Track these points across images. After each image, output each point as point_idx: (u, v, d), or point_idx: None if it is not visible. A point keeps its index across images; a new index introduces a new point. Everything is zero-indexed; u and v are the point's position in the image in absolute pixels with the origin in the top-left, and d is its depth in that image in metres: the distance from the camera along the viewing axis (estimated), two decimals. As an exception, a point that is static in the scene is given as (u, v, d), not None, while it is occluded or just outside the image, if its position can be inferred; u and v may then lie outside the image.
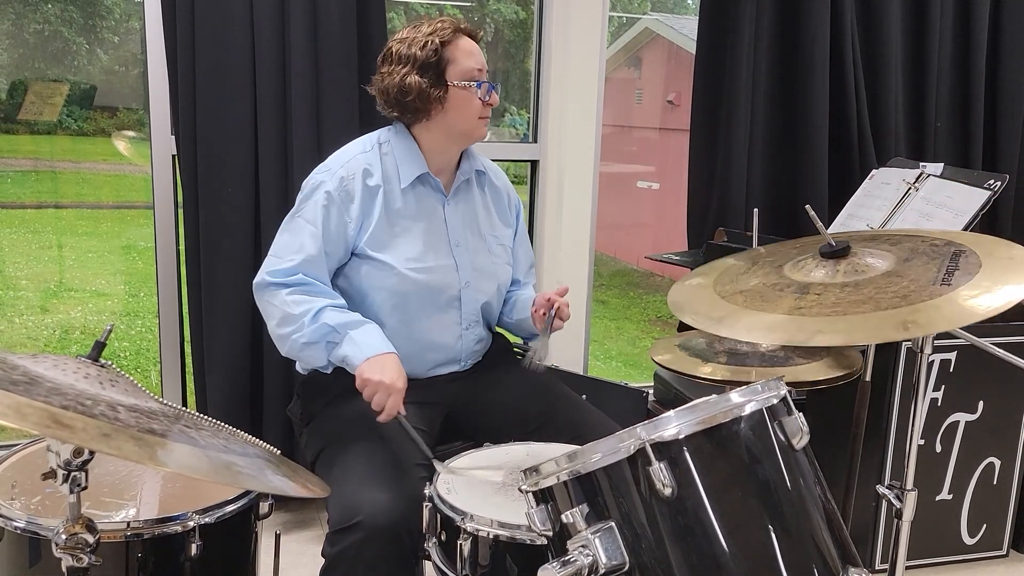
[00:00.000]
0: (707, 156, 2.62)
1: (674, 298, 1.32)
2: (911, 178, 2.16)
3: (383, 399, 1.40)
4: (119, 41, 4.92)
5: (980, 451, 2.20)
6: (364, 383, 1.41)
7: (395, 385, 1.41)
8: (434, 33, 1.53)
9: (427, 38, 1.52)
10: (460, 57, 1.54)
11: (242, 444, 1.01)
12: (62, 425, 0.78)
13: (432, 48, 1.52)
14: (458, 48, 1.54)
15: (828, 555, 1.01)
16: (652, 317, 6.21)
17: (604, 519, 0.98)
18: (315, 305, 1.48)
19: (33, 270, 5.36)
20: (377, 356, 1.43)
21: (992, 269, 1.13)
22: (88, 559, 0.95)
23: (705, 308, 1.23)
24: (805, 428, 1.03)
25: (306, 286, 1.51)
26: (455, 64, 1.54)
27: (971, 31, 2.66)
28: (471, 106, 1.55)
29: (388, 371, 1.41)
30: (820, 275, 1.20)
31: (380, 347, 1.45)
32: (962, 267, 1.15)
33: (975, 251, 1.20)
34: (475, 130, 1.59)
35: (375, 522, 1.30)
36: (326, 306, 1.49)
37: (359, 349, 1.44)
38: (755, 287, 1.23)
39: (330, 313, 1.48)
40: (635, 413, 2.30)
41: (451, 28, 1.54)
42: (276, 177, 2.18)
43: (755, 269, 1.31)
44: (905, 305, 1.08)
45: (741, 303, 1.20)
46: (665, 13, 6.82)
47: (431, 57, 1.52)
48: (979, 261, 1.16)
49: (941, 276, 1.13)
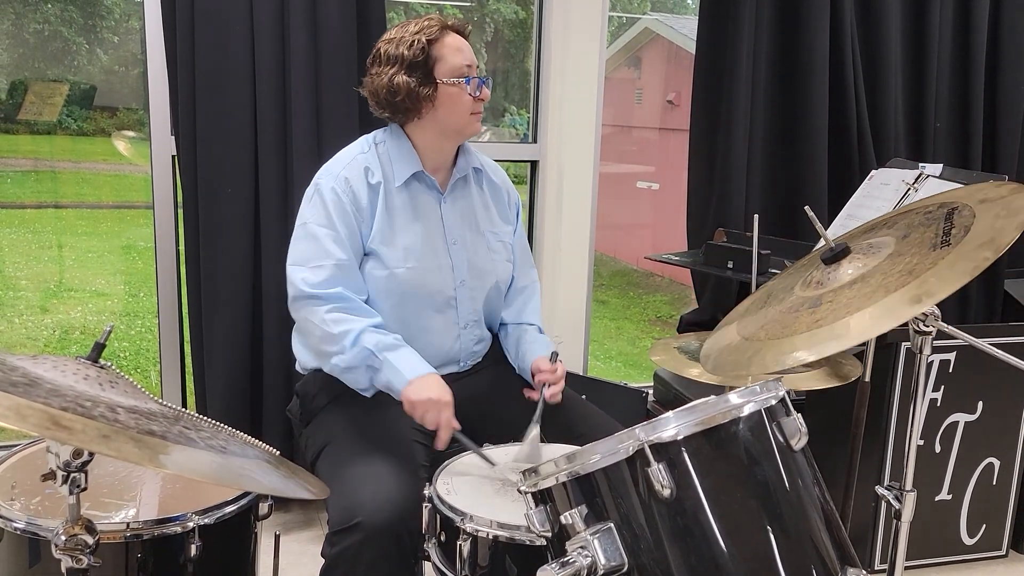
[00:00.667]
0: (707, 156, 2.62)
1: (706, 355, 1.31)
2: (910, 179, 2.16)
3: (435, 417, 1.42)
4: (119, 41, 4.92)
5: (979, 451, 2.21)
6: (412, 406, 1.42)
7: (443, 400, 1.42)
8: (421, 32, 1.52)
9: (414, 37, 1.52)
10: (448, 54, 1.53)
11: (241, 445, 1.01)
12: (61, 427, 0.78)
13: (419, 47, 1.51)
14: (445, 45, 1.53)
15: (826, 556, 1.01)
16: (652, 317, 6.21)
17: (603, 520, 0.98)
18: (355, 326, 1.47)
19: (33, 270, 5.36)
20: (419, 378, 1.44)
21: (987, 214, 1.11)
22: (88, 560, 0.95)
23: (734, 356, 1.21)
24: (803, 429, 1.03)
25: (345, 302, 1.49)
26: (443, 61, 1.53)
27: (971, 31, 2.66)
28: (461, 102, 1.54)
29: (432, 389, 1.43)
30: (829, 283, 1.18)
31: (419, 369, 1.46)
32: (957, 223, 1.12)
33: (967, 203, 1.17)
34: (467, 126, 1.58)
35: (375, 522, 1.30)
36: (365, 328, 1.48)
37: (401, 374, 1.44)
38: (774, 317, 1.21)
39: (369, 335, 1.48)
40: (635, 413, 2.31)
41: (438, 25, 1.54)
42: (276, 177, 2.18)
43: (771, 301, 1.30)
44: (912, 279, 1.05)
45: (764, 337, 1.18)
46: (665, 13, 6.81)
47: (418, 56, 1.51)
48: (972, 212, 1.13)
49: (939, 239, 1.11)
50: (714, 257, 2.39)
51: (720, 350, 1.28)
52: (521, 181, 2.71)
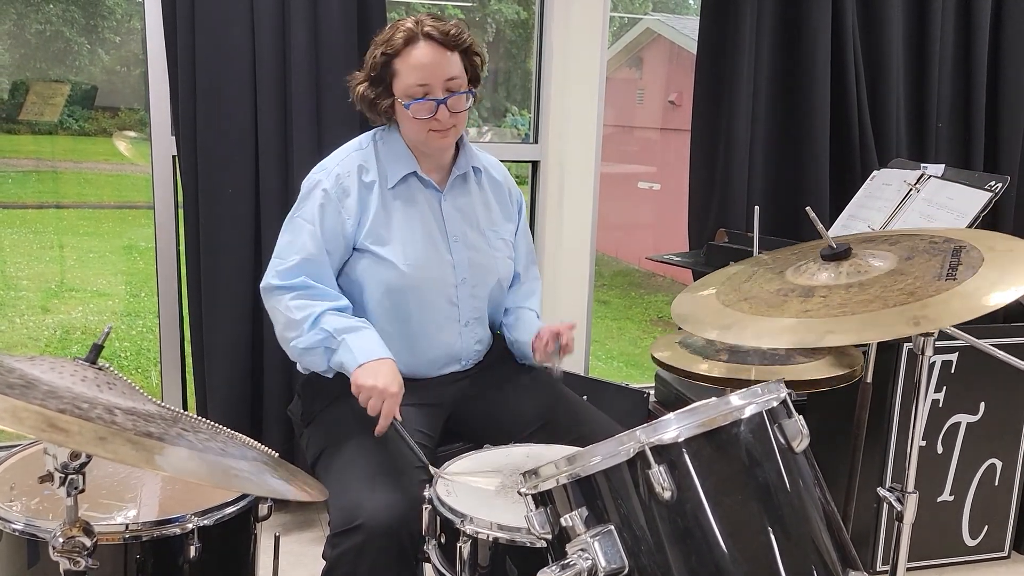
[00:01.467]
0: (708, 157, 2.61)
1: (679, 310, 1.32)
2: (912, 179, 2.15)
3: (377, 404, 1.40)
4: (120, 41, 4.93)
5: (981, 452, 2.20)
6: (358, 389, 1.41)
7: (388, 390, 1.39)
8: (387, 43, 1.49)
9: (378, 48, 1.50)
10: (404, 71, 1.49)
11: (240, 447, 1.00)
12: (58, 429, 0.78)
13: (380, 60, 1.49)
14: (405, 60, 1.49)
15: (828, 558, 1.00)
16: (653, 317, 6.21)
17: (603, 522, 0.98)
18: (316, 310, 1.48)
19: (34, 270, 5.36)
20: (372, 362, 1.42)
21: (995, 262, 1.13)
22: (86, 562, 0.95)
23: (711, 317, 1.23)
24: (805, 431, 1.02)
25: (309, 289, 1.50)
26: (399, 78, 1.50)
27: (972, 31, 2.65)
28: (412, 121, 1.52)
29: (382, 376, 1.40)
30: (823, 278, 1.20)
31: (375, 352, 1.44)
32: (964, 262, 1.15)
33: (975, 246, 1.20)
34: (427, 143, 1.55)
35: (376, 524, 1.29)
36: (326, 310, 1.48)
37: (354, 355, 1.44)
38: (759, 294, 1.23)
39: (329, 318, 1.48)
40: (636, 414, 2.30)
41: (403, 38, 1.48)
42: (276, 178, 2.18)
43: (757, 277, 1.31)
44: (913, 301, 1.08)
45: (747, 310, 1.20)
46: (666, 13, 6.81)
47: (377, 69, 1.50)
48: (981, 255, 1.16)
49: (945, 271, 1.13)
50: (716, 257, 2.38)
51: (696, 311, 1.29)
52: (522, 181, 2.70)
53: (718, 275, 1.42)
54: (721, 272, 1.43)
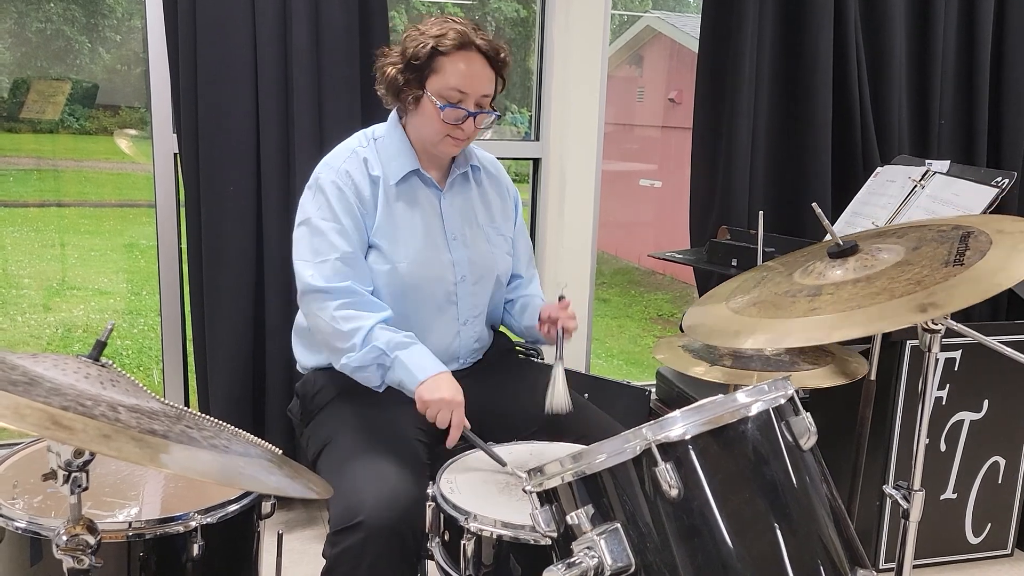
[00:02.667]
0: (710, 154, 2.61)
1: (690, 322, 1.31)
2: (917, 175, 2.14)
3: (447, 417, 1.41)
4: (121, 39, 4.91)
5: (985, 450, 2.19)
6: (425, 405, 1.42)
7: (455, 399, 1.42)
8: (439, 37, 1.47)
9: (428, 39, 1.48)
10: (448, 72, 1.48)
11: (244, 444, 1.00)
12: (62, 426, 0.77)
13: (425, 51, 1.47)
14: (453, 62, 1.48)
15: (836, 556, 1.00)
16: (654, 315, 6.20)
17: (609, 520, 0.97)
18: (365, 323, 1.47)
19: (36, 268, 5.36)
20: (431, 378, 1.44)
21: (1004, 243, 1.12)
22: (89, 560, 0.94)
23: (721, 325, 1.22)
24: (813, 428, 1.02)
25: (353, 297, 1.48)
26: (438, 76, 1.49)
27: (975, 28, 2.64)
28: (434, 122, 1.51)
29: (444, 389, 1.42)
30: (831, 276, 1.19)
31: (431, 368, 1.45)
32: (972, 247, 1.13)
33: (983, 230, 1.18)
34: (437, 146, 1.55)
35: (377, 522, 1.29)
36: (375, 325, 1.47)
37: (412, 374, 1.44)
38: (768, 298, 1.22)
39: (379, 333, 1.47)
40: (637, 412, 2.30)
41: (457, 41, 1.47)
42: (278, 176, 2.17)
43: (765, 282, 1.30)
44: (920, 290, 1.06)
45: (756, 315, 1.19)
46: (667, 11, 6.80)
47: (419, 59, 1.48)
48: (989, 238, 1.14)
49: (953, 257, 1.12)
50: (718, 255, 2.38)
51: (706, 321, 1.28)
52: (523, 179, 2.70)
53: (726, 286, 1.41)
54: (729, 283, 1.42)
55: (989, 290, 1.03)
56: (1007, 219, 1.22)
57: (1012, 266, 1.06)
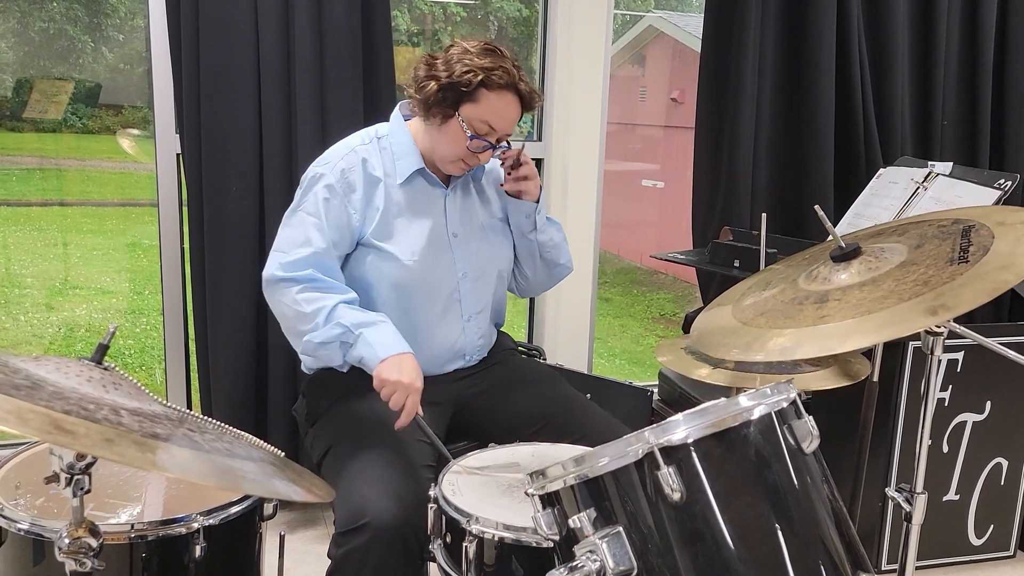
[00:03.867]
0: (712, 154, 2.60)
1: (698, 334, 1.30)
2: (919, 177, 2.14)
3: (401, 399, 1.40)
4: (124, 39, 4.92)
5: (987, 451, 2.19)
6: (382, 383, 1.41)
7: (413, 385, 1.40)
8: (490, 71, 1.47)
9: (479, 71, 1.47)
10: (485, 107, 1.49)
11: (246, 447, 1.00)
12: (64, 431, 0.77)
13: (469, 79, 1.47)
14: (492, 100, 1.48)
15: (838, 559, 1.00)
16: (656, 315, 6.20)
17: (612, 523, 0.97)
18: (328, 303, 1.47)
19: (38, 268, 5.36)
20: (394, 356, 1.42)
21: (1007, 237, 1.10)
22: (91, 563, 0.95)
23: (731, 338, 1.20)
24: (815, 432, 1.02)
25: (317, 282, 1.49)
26: (475, 105, 1.49)
27: (978, 29, 2.63)
28: (455, 146, 1.52)
29: (405, 371, 1.41)
30: (836, 280, 1.18)
31: (396, 347, 1.44)
32: (975, 241, 1.12)
33: (984, 223, 1.17)
34: (448, 164, 1.56)
35: (382, 523, 1.29)
36: (339, 303, 1.47)
37: (374, 350, 1.43)
38: (774, 306, 1.21)
39: (343, 310, 1.47)
40: (640, 412, 2.29)
41: (505, 81, 1.48)
42: (280, 175, 2.17)
43: (770, 288, 1.29)
44: (928, 291, 1.05)
45: (764, 325, 1.17)
46: (669, 11, 6.79)
47: (461, 84, 1.47)
48: (991, 232, 1.13)
49: (956, 254, 1.11)
50: (720, 256, 2.37)
51: (714, 330, 1.27)
52: (526, 179, 2.69)
53: (730, 293, 1.40)
54: (733, 289, 1.41)
55: (998, 288, 1.01)
56: (1007, 210, 1.21)
57: (1018, 261, 1.04)
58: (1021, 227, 1.12)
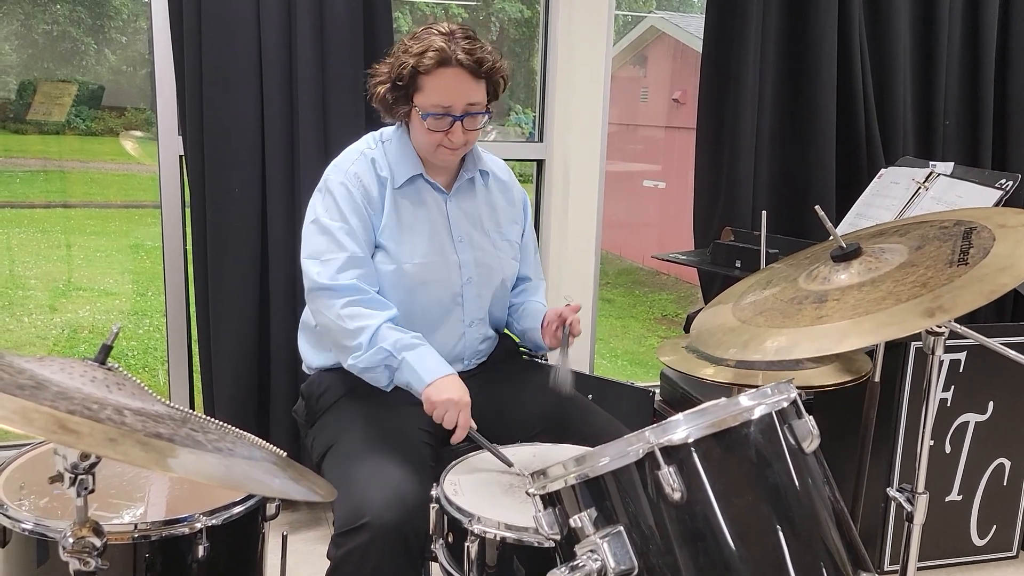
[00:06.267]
0: (713, 155, 2.60)
1: (697, 332, 1.31)
2: (921, 177, 2.14)
3: (454, 417, 1.42)
4: (127, 41, 4.93)
5: (990, 452, 2.19)
6: (432, 407, 1.44)
7: (462, 400, 1.43)
8: (419, 56, 1.48)
9: (409, 59, 1.49)
10: (429, 90, 1.50)
11: (249, 447, 1.00)
12: (68, 430, 0.78)
13: (407, 72, 1.49)
14: (433, 80, 1.49)
15: (838, 559, 1.00)
16: (657, 316, 6.20)
17: (613, 523, 0.97)
18: (371, 323, 1.48)
19: (42, 269, 5.38)
20: (438, 379, 1.45)
21: (1007, 240, 1.10)
22: (95, 563, 0.95)
23: (729, 336, 1.21)
24: (815, 432, 1.02)
25: (359, 296, 1.50)
26: (423, 93, 1.50)
27: (980, 29, 2.63)
28: (425, 134, 1.53)
29: (452, 390, 1.44)
30: (836, 280, 1.18)
31: (439, 371, 1.47)
32: (975, 244, 1.12)
33: (985, 224, 1.17)
34: (433, 156, 1.57)
35: (382, 523, 1.29)
36: (381, 325, 1.48)
37: (419, 376, 1.46)
38: (774, 305, 1.21)
39: (385, 333, 1.48)
40: (641, 413, 2.30)
41: (436, 59, 1.47)
42: (283, 177, 2.18)
43: (771, 287, 1.29)
44: (926, 292, 1.05)
45: (763, 324, 1.18)
46: (670, 11, 6.80)
47: (403, 79, 1.50)
48: (992, 234, 1.13)
49: (956, 256, 1.11)
50: (721, 256, 2.38)
51: (714, 330, 1.27)
52: (527, 180, 2.70)
53: (731, 291, 1.40)
54: (734, 288, 1.41)
55: (995, 291, 1.01)
56: (1009, 212, 1.21)
57: (1017, 264, 1.04)
58: (1022, 230, 1.12)
